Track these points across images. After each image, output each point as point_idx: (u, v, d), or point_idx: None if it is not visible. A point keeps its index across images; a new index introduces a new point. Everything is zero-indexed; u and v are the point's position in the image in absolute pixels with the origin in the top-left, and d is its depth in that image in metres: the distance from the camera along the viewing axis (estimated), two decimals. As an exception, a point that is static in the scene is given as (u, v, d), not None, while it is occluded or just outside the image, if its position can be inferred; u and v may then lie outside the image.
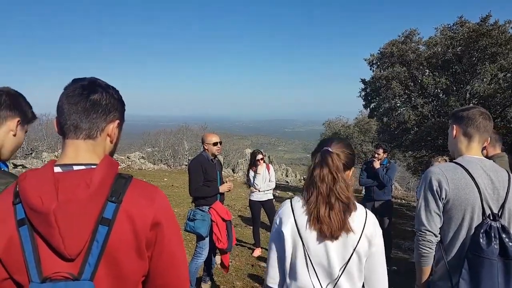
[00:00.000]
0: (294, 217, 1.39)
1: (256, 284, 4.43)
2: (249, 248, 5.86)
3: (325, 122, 30.91)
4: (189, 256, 3.99)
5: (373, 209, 5.10)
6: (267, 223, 6.54)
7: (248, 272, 4.78)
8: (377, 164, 5.21)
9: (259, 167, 5.60)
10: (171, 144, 28.45)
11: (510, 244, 1.65)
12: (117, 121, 1.05)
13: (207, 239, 3.77)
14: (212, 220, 3.75)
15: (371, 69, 16.49)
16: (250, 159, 5.83)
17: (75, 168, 0.96)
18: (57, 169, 0.95)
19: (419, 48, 14.67)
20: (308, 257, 1.37)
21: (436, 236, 1.81)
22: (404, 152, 18.26)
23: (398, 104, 15.87)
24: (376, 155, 5.28)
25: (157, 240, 0.97)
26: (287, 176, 23.59)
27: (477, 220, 1.74)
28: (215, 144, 3.87)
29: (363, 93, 17.29)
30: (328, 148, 1.43)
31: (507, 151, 2.50)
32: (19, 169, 11.75)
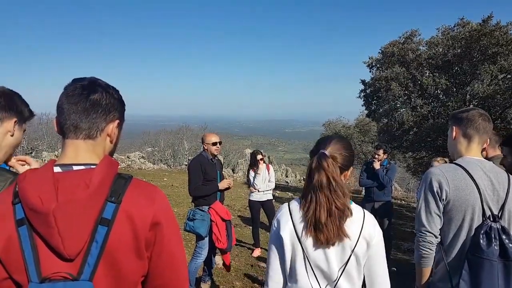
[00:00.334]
0: (292, 221, 1.39)
1: (256, 284, 4.42)
2: (249, 248, 5.85)
3: (325, 123, 30.91)
4: (189, 256, 3.99)
5: (373, 210, 5.09)
6: (267, 224, 6.54)
7: (247, 272, 4.77)
8: (377, 165, 5.20)
9: (259, 167, 5.60)
10: (171, 144, 28.48)
11: (510, 245, 1.64)
12: (117, 121, 1.04)
13: (206, 239, 3.77)
14: (211, 220, 3.75)
15: (370, 71, 16.52)
16: (250, 159, 5.83)
17: (75, 168, 0.96)
18: (57, 169, 0.94)
19: (420, 48, 14.67)
20: (307, 260, 1.37)
21: (436, 237, 1.81)
22: (404, 153, 18.26)
23: (398, 105, 15.86)
24: (376, 156, 5.27)
25: (157, 240, 0.96)
26: (287, 176, 23.60)
27: (477, 221, 1.74)
28: (214, 144, 3.87)
29: (362, 94, 17.29)
30: (324, 152, 1.39)
31: (503, 144, 2.48)
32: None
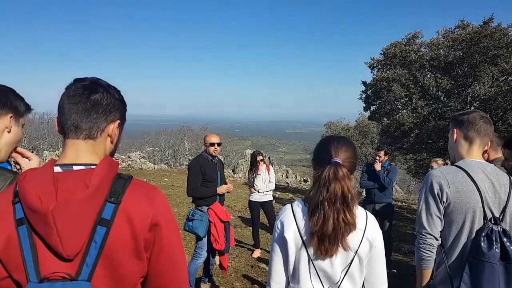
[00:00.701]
0: (296, 224, 1.38)
1: (256, 285, 4.42)
2: (249, 249, 5.85)
3: (326, 124, 30.92)
4: (188, 257, 3.99)
5: (374, 211, 5.08)
6: (267, 224, 6.53)
7: (247, 273, 4.77)
8: (378, 166, 5.18)
9: (259, 168, 5.58)
10: (171, 144, 28.50)
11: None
12: (118, 121, 1.04)
13: (205, 240, 3.77)
14: (210, 221, 3.75)
15: (371, 72, 16.50)
16: (251, 160, 5.81)
17: (75, 168, 0.95)
18: (57, 169, 0.94)
19: (422, 50, 14.67)
20: (312, 262, 1.36)
21: (437, 239, 1.80)
22: (404, 154, 18.24)
23: (399, 106, 15.86)
24: (378, 157, 5.25)
25: (156, 241, 0.96)
26: (287, 177, 23.56)
27: (478, 223, 1.73)
28: (211, 144, 3.87)
29: (363, 95, 17.28)
30: (339, 161, 1.35)
31: (504, 146, 2.47)
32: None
